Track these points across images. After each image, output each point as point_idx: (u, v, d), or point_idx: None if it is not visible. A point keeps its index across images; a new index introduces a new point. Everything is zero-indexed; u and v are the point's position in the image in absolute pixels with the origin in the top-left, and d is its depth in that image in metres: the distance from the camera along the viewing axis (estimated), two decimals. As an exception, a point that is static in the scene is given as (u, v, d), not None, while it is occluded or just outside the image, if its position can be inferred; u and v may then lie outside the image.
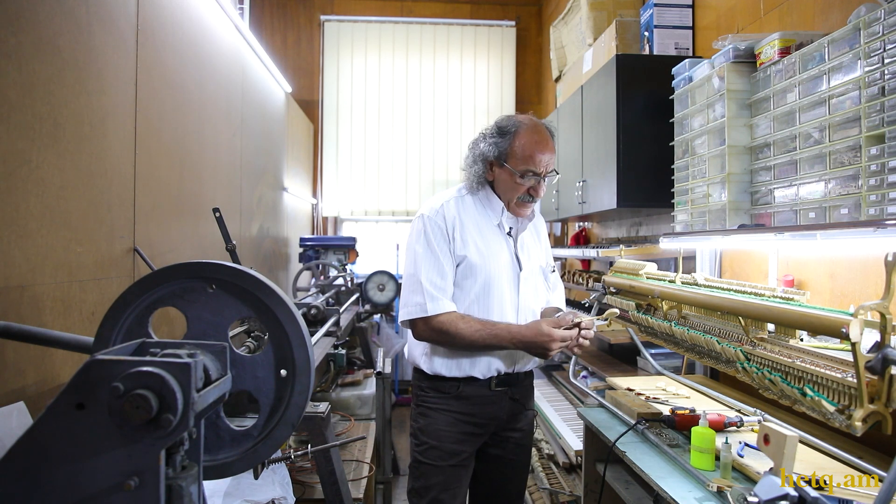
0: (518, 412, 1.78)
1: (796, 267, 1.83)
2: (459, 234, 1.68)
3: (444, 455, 1.69)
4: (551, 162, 1.69)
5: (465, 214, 1.72)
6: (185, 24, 2.20)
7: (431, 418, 1.72)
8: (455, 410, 1.70)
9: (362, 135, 5.34)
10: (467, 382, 1.70)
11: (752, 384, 1.43)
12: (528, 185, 1.68)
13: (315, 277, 3.83)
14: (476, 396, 1.70)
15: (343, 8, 5.38)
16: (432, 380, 1.73)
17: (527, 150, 1.66)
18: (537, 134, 1.68)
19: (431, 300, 1.63)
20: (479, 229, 1.71)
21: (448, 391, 1.71)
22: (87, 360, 0.67)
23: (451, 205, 1.72)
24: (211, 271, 0.83)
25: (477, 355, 1.68)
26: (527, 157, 1.66)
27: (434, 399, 1.73)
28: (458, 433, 1.70)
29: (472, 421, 1.71)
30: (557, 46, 4.11)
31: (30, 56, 1.30)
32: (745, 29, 2.25)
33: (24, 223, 1.28)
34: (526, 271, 1.74)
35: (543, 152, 1.66)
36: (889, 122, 1.29)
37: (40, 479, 0.67)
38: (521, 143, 1.67)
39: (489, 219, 1.74)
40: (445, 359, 1.69)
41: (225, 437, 0.85)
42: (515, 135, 1.68)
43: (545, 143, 1.68)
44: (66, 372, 1.42)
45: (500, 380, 1.72)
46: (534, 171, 1.66)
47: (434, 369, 1.71)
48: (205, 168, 2.42)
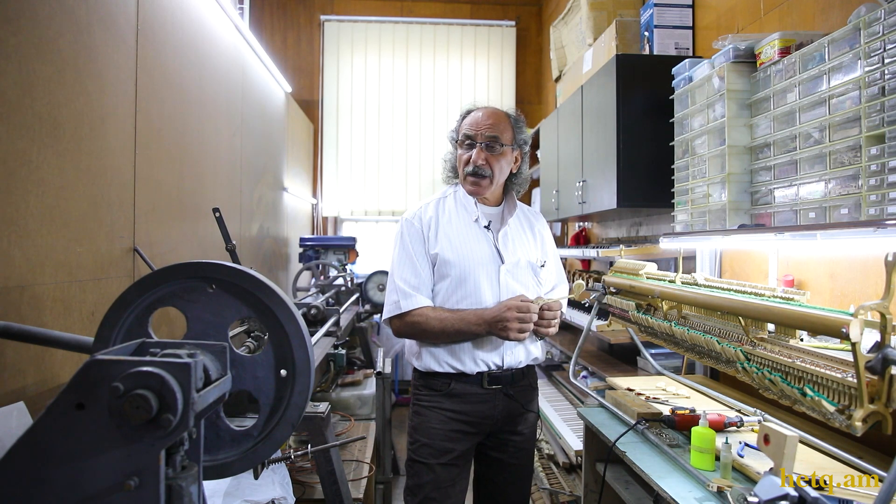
0: (516, 413, 1.76)
1: (796, 267, 1.83)
2: (435, 233, 1.72)
3: (436, 453, 1.69)
4: (489, 127, 1.70)
5: (443, 214, 1.76)
6: (185, 24, 2.20)
7: (424, 416, 1.73)
8: (446, 408, 1.70)
9: (362, 135, 5.34)
10: (458, 379, 1.70)
11: (752, 384, 1.43)
12: (468, 154, 1.72)
13: (315, 277, 3.83)
14: (468, 394, 1.70)
15: (343, 8, 5.38)
16: (425, 377, 1.74)
17: (468, 119, 1.74)
18: (484, 107, 1.76)
19: (405, 297, 1.67)
20: (455, 227, 1.74)
21: (440, 388, 1.71)
22: (87, 360, 0.67)
23: (429, 207, 1.78)
24: (211, 271, 0.83)
25: (459, 348, 1.68)
26: (466, 125, 1.73)
27: (426, 397, 1.74)
28: (449, 431, 1.70)
29: (464, 419, 1.70)
30: (557, 46, 4.11)
31: (30, 56, 1.30)
32: (745, 29, 2.25)
33: (24, 223, 1.28)
34: (508, 264, 1.72)
35: (481, 117, 1.70)
36: (889, 122, 1.29)
37: (40, 479, 0.67)
38: (467, 115, 1.76)
39: (467, 215, 1.76)
40: (431, 353, 1.71)
41: (225, 437, 0.85)
42: (467, 113, 1.78)
43: (485, 111, 1.73)
44: (66, 372, 1.42)
45: (492, 377, 1.70)
46: (469, 135, 1.70)
47: (424, 365, 1.73)
48: (205, 168, 2.42)
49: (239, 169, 2.93)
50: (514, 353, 1.73)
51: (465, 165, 1.73)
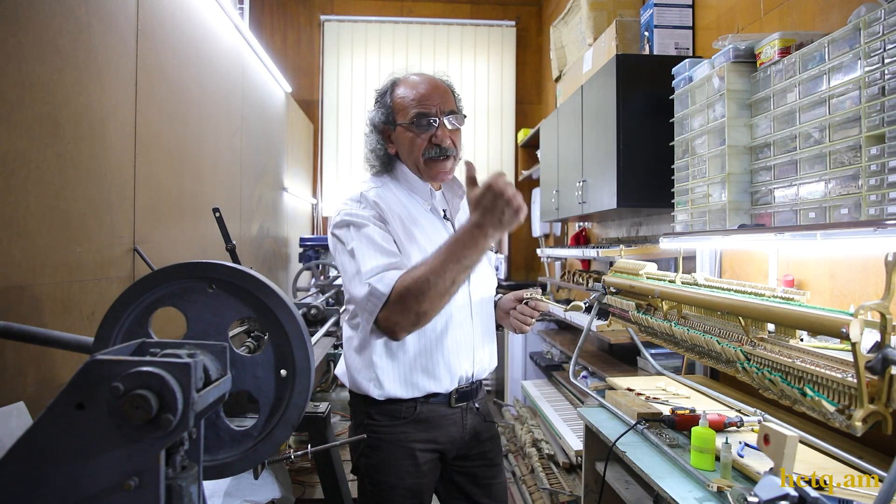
0: (480, 428, 1.54)
1: (796, 267, 1.83)
2: (391, 223, 1.40)
3: (408, 494, 1.43)
4: (446, 100, 1.44)
5: (392, 201, 1.44)
6: (185, 24, 2.20)
7: (385, 452, 1.43)
8: (415, 439, 1.43)
9: (362, 135, 5.33)
10: (425, 402, 1.44)
11: (752, 384, 1.43)
12: (428, 134, 1.42)
13: (315, 277, 3.83)
14: (435, 417, 1.44)
15: (343, 8, 5.38)
16: (380, 403, 1.43)
17: (409, 94, 1.44)
18: (418, 77, 1.48)
19: (379, 281, 1.26)
20: (412, 218, 1.44)
21: (403, 415, 1.42)
22: (86, 360, 0.67)
23: (371, 193, 1.44)
24: (211, 271, 0.83)
25: (431, 360, 1.41)
26: (412, 102, 1.43)
27: (387, 427, 1.43)
28: (421, 464, 1.44)
29: (433, 447, 1.46)
30: (557, 46, 4.11)
31: (30, 56, 1.30)
32: (745, 29, 2.25)
33: (23, 223, 1.28)
34: None
35: (430, 90, 1.43)
36: (889, 122, 1.29)
37: (40, 479, 0.67)
38: (402, 90, 1.46)
39: (419, 204, 1.48)
40: (398, 377, 1.41)
41: (225, 437, 0.85)
42: (394, 87, 1.49)
43: (430, 82, 1.46)
44: (66, 372, 1.42)
45: (460, 394, 1.47)
46: (425, 112, 1.41)
47: (387, 393, 1.41)
48: (205, 168, 2.42)
49: (239, 169, 2.93)
50: (483, 360, 1.51)
51: (427, 148, 1.43)
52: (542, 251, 4.23)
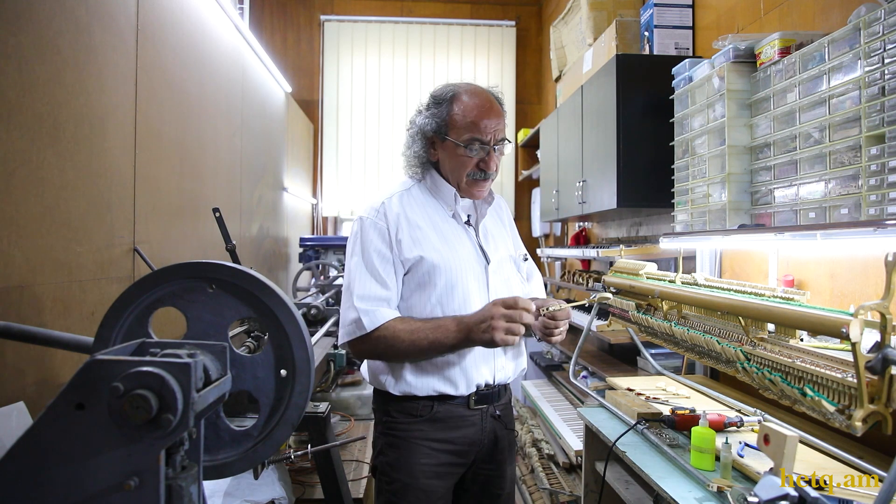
0: (501, 434, 1.55)
1: (796, 267, 1.83)
2: (408, 234, 1.45)
3: (421, 495, 1.43)
4: (500, 129, 1.48)
5: (412, 210, 1.49)
6: (185, 24, 2.20)
7: (403, 449, 1.45)
8: (431, 437, 1.45)
9: (362, 135, 5.34)
10: (442, 401, 1.45)
11: (752, 384, 1.43)
12: (477, 158, 1.47)
13: (315, 277, 3.83)
14: (452, 417, 1.46)
15: (343, 8, 5.38)
16: (399, 400, 1.47)
17: (468, 116, 1.45)
18: (478, 97, 1.47)
19: (366, 315, 1.38)
20: (432, 224, 1.49)
21: (420, 413, 1.45)
22: (86, 360, 0.67)
23: (393, 201, 1.49)
24: (211, 271, 0.83)
25: (450, 367, 1.44)
26: (470, 124, 1.44)
27: (404, 424, 1.46)
28: (436, 466, 1.45)
29: (451, 449, 1.46)
30: (557, 46, 4.11)
31: (30, 56, 1.30)
32: (745, 29, 2.25)
33: (24, 223, 1.28)
34: (494, 263, 1.53)
35: (489, 117, 1.45)
36: (889, 122, 1.29)
37: (40, 479, 0.67)
38: (461, 108, 1.46)
39: (442, 210, 1.53)
40: (413, 374, 1.44)
41: (225, 437, 0.85)
42: (453, 100, 1.48)
43: (489, 107, 1.47)
44: (66, 372, 1.42)
45: (479, 395, 1.48)
46: (480, 139, 1.45)
47: (403, 389, 1.44)
48: (205, 168, 2.42)
49: (239, 169, 2.93)
50: (505, 368, 1.52)
51: (474, 169, 1.48)
52: (543, 251, 4.23)
